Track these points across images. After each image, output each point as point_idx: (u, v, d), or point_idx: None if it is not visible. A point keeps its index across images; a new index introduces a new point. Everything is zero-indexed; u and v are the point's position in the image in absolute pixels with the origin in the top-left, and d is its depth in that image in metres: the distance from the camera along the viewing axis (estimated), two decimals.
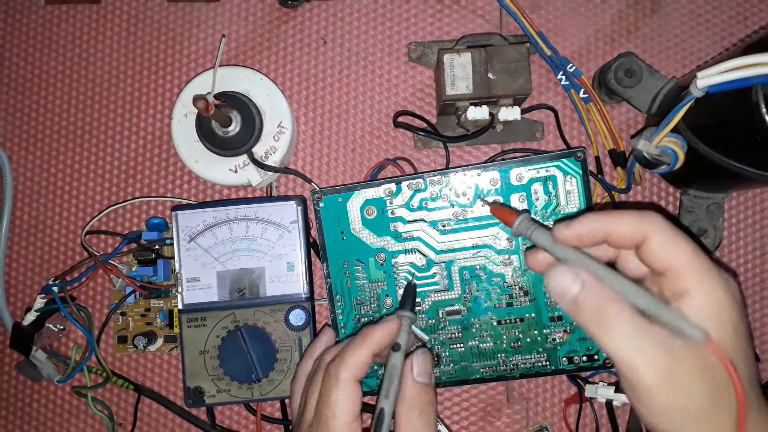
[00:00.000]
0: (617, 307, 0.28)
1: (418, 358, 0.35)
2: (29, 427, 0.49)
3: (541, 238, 0.32)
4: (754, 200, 0.49)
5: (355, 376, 0.35)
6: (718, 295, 0.28)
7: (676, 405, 0.27)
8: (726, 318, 0.28)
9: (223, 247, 0.45)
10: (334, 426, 0.34)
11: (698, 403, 0.27)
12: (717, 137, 0.38)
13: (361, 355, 0.35)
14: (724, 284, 0.28)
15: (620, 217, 0.30)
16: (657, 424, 0.29)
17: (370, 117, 0.50)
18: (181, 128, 0.45)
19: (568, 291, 0.29)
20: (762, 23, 0.49)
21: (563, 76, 0.48)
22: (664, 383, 0.27)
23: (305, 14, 0.50)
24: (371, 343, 0.36)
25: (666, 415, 0.28)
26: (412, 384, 0.34)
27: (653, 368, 0.27)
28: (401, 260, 0.44)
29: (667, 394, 0.27)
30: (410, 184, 0.44)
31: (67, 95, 0.50)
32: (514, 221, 0.34)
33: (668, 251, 0.29)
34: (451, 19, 0.50)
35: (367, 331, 0.36)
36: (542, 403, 0.48)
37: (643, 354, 0.27)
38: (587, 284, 0.29)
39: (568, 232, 0.31)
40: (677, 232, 0.29)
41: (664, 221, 0.29)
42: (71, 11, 0.50)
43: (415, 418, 0.33)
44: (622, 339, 0.27)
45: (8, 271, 0.50)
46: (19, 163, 0.50)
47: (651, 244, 0.29)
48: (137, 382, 0.49)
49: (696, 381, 0.27)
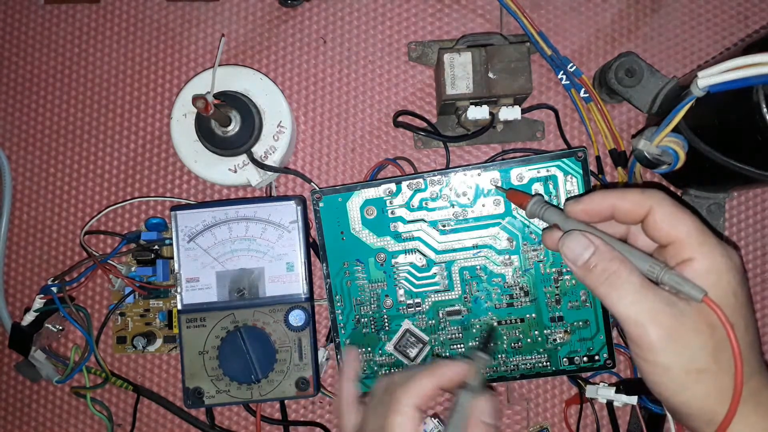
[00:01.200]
0: (627, 270, 0.30)
1: (486, 398, 0.35)
2: (28, 427, 0.49)
3: (553, 217, 0.35)
4: (755, 200, 0.49)
5: (417, 404, 0.35)
6: (718, 262, 0.30)
7: (680, 362, 0.29)
8: (726, 283, 0.30)
9: (223, 247, 0.44)
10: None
11: (700, 361, 0.29)
12: (718, 137, 0.38)
13: (427, 385, 0.35)
14: (723, 252, 0.30)
15: (625, 193, 0.32)
16: (661, 384, 0.30)
17: (370, 117, 0.50)
18: (180, 128, 0.45)
19: (581, 255, 0.31)
20: (763, 23, 0.49)
21: (564, 75, 0.48)
22: (669, 340, 0.29)
23: (305, 14, 0.50)
24: (440, 376, 0.36)
25: (670, 373, 0.29)
26: (477, 423, 0.34)
27: (658, 326, 0.29)
28: (401, 260, 0.44)
29: (671, 352, 0.29)
30: (410, 184, 0.44)
31: (66, 95, 0.50)
32: (528, 203, 0.36)
33: (670, 224, 0.31)
34: (451, 19, 0.50)
35: (439, 365, 0.37)
36: (543, 403, 0.48)
37: (650, 312, 0.29)
38: (600, 248, 0.31)
39: (578, 207, 0.34)
40: (678, 206, 0.31)
41: (665, 196, 0.32)
42: (70, 11, 0.50)
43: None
44: (630, 298, 0.30)
45: (7, 271, 0.50)
46: (18, 163, 0.50)
47: (654, 217, 0.31)
48: (136, 382, 0.49)
49: (698, 339, 0.29)
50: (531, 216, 0.37)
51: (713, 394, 0.29)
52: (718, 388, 0.29)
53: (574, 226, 0.34)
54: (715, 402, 0.29)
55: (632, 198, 0.32)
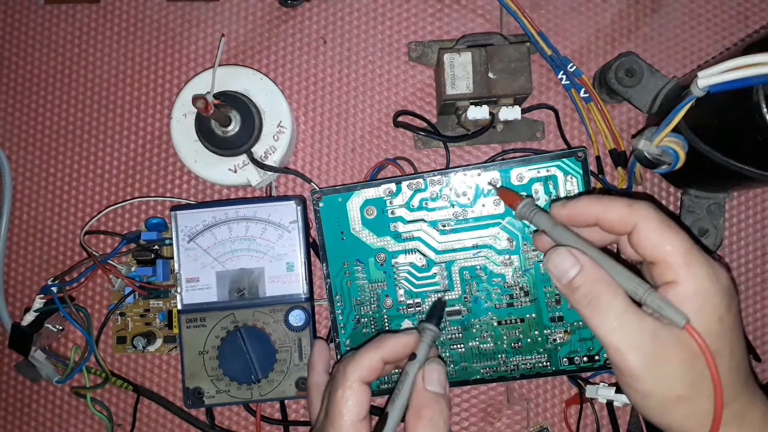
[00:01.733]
0: (611, 294, 0.30)
1: (431, 366, 0.35)
2: (28, 427, 0.49)
3: (541, 222, 0.34)
4: (755, 200, 0.49)
5: (362, 377, 0.35)
6: (704, 285, 0.29)
7: (659, 390, 0.29)
8: (712, 307, 0.29)
9: (223, 247, 0.44)
10: (340, 424, 0.34)
11: (679, 389, 0.29)
12: (718, 137, 0.38)
13: (372, 357, 0.35)
14: (711, 274, 0.29)
15: (610, 205, 0.31)
16: (643, 407, 0.30)
17: (370, 117, 0.50)
18: (180, 128, 0.45)
19: (566, 273, 0.31)
20: (763, 23, 0.49)
21: (564, 75, 0.48)
22: (649, 369, 0.29)
23: (305, 14, 0.50)
24: (384, 347, 0.36)
25: (650, 398, 0.29)
26: (422, 392, 0.34)
27: (638, 354, 0.29)
28: (401, 260, 0.44)
29: (651, 379, 0.29)
30: (410, 184, 0.44)
31: (66, 95, 0.50)
32: (518, 204, 0.36)
33: (656, 242, 0.30)
34: (451, 19, 0.50)
35: (382, 337, 0.36)
36: (543, 403, 0.48)
37: (630, 340, 0.29)
38: (585, 268, 0.30)
39: (563, 211, 0.33)
40: (666, 223, 0.30)
41: (654, 212, 0.30)
42: (70, 11, 0.50)
43: (422, 426, 0.33)
44: (612, 324, 0.29)
45: (7, 271, 0.50)
46: (18, 163, 0.50)
47: (639, 234, 0.30)
48: (136, 382, 0.49)
49: (679, 368, 0.29)
50: (520, 218, 0.36)
51: (694, 418, 0.29)
52: (698, 413, 0.29)
53: (561, 232, 0.33)
54: (696, 425, 0.29)
55: (617, 211, 0.31)
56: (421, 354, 0.36)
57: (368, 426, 0.34)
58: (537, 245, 0.36)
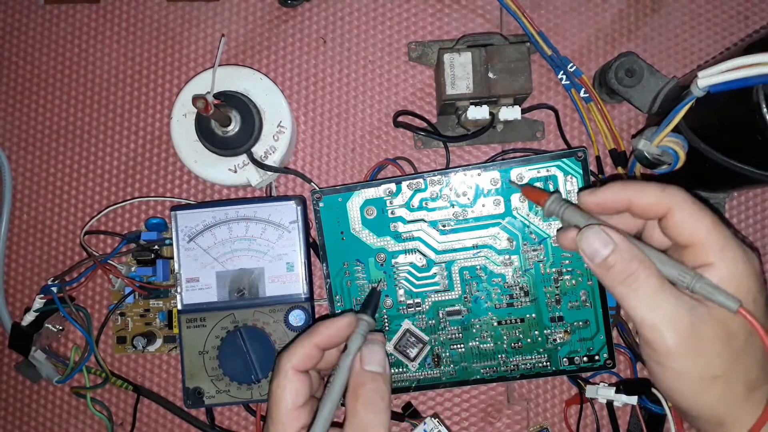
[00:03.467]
0: (646, 271, 0.29)
1: (368, 347, 0.35)
2: (28, 427, 0.49)
3: (575, 216, 0.33)
4: (755, 200, 0.49)
5: (296, 365, 0.34)
6: (739, 268, 0.29)
7: (695, 369, 0.29)
8: (746, 289, 0.29)
9: (223, 247, 0.44)
10: (276, 413, 0.34)
11: (715, 369, 0.28)
12: (718, 137, 0.38)
13: (305, 346, 0.35)
14: (744, 257, 0.29)
15: (643, 189, 0.31)
16: (673, 388, 0.30)
17: (370, 117, 0.50)
18: (180, 128, 0.45)
19: (600, 252, 0.30)
20: (763, 23, 0.49)
21: (564, 75, 0.48)
22: (687, 347, 0.28)
23: (305, 14, 0.50)
24: (316, 335, 0.35)
25: (683, 378, 0.29)
26: (359, 372, 0.34)
27: (676, 332, 0.28)
28: (401, 260, 0.44)
29: (687, 358, 0.28)
30: (410, 184, 0.44)
31: (66, 95, 0.50)
32: (546, 200, 0.34)
33: (691, 225, 0.30)
34: (451, 19, 0.50)
35: (316, 325, 0.36)
36: (543, 403, 0.48)
37: (668, 318, 0.28)
38: (620, 246, 0.30)
39: (593, 198, 0.32)
40: (700, 207, 0.30)
41: (686, 195, 0.31)
42: (71, 11, 0.50)
43: (359, 405, 0.32)
44: (648, 302, 0.29)
45: (7, 271, 0.50)
46: (18, 163, 0.50)
47: (674, 217, 0.30)
48: (136, 382, 0.49)
49: (716, 347, 0.28)
50: (548, 215, 0.35)
51: (725, 400, 0.29)
52: (731, 395, 0.29)
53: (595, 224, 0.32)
54: (726, 407, 0.29)
55: (652, 195, 0.31)
56: (354, 346, 0.35)
57: (307, 413, 0.34)
58: (564, 243, 0.34)
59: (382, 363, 0.34)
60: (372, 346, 0.35)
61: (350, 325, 0.36)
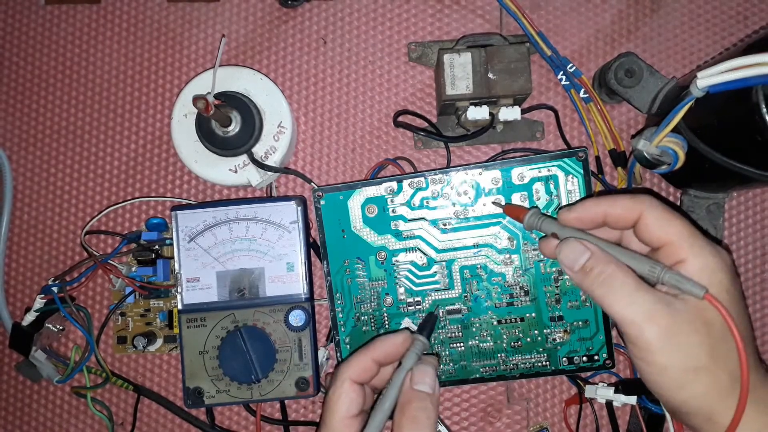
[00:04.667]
0: (622, 272, 0.31)
1: (419, 367, 0.36)
2: (28, 427, 0.49)
3: (551, 227, 0.36)
4: (755, 200, 0.49)
5: (353, 376, 0.36)
6: (709, 261, 0.31)
7: (677, 361, 0.30)
8: (718, 281, 0.30)
9: (223, 247, 0.45)
10: (330, 419, 0.35)
11: (698, 359, 0.30)
12: (717, 137, 0.38)
13: (362, 358, 0.36)
14: (714, 252, 0.31)
15: (616, 200, 0.33)
16: (659, 383, 0.31)
17: (370, 117, 0.50)
18: (180, 128, 0.45)
19: (577, 260, 0.32)
20: (762, 23, 0.49)
21: (563, 76, 0.48)
22: (666, 339, 0.30)
23: (305, 14, 0.50)
24: (374, 349, 0.37)
25: (668, 372, 0.30)
26: (408, 390, 0.35)
27: (655, 325, 0.30)
28: (402, 259, 0.44)
29: (668, 351, 0.30)
30: (411, 183, 0.44)
31: (66, 95, 0.50)
32: (525, 215, 0.37)
33: (661, 227, 0.32)
34: (451, 19, 0.50)
35: (374, 340, 0.38)
36: (542, 403, 0.48)
37: (646, 312, 0.30)
38: (595, 253, 0.32)
39: (571, 215, 0.35)
40: (668, 209, 0.32)
41: (655, 201, 0.33)
42: (71, 11, 0.50)
43: (405, 420, 0.33)
44: (627, 299, 0.30)
45: (8, 271, 0.50)
46: (18, 163, 0.50)
47: (646, 221, 0.32)
48: (137, 382, 0.49)
49: (695, 337, 0.30)
50: (529, 228, 0.37)
51: (711, 391, 0.30)
52: (716, 386, 0.30)
53: (570, 234, 0.34)
54: (713, 399, 0.30)
55: (623, 204, 0.33)
56: (408, 363, 0.36)
57: (359, 424, 0.35)
58: (545, 251, 0.37)
59: (432, 384, 0.35)
60: (424, 366, 0.36)
61: (406, 342, 0.37)
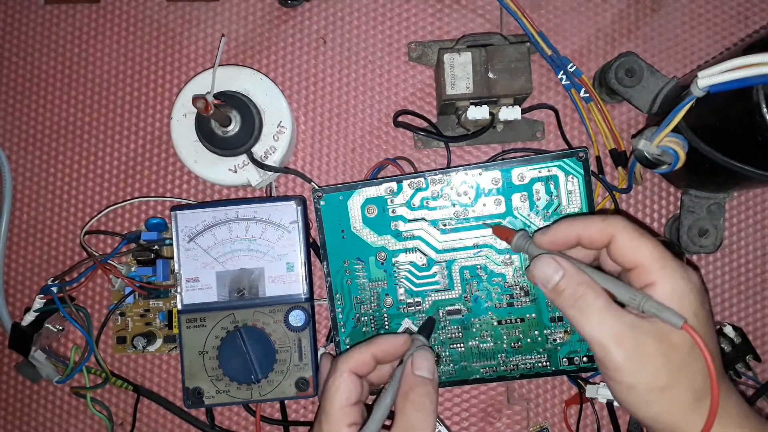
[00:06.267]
0: (593, 294, 0.32)
1: (419, 353, 0.37)
2: (28, 427, 0.49)
3: (539, 250, 0.36)
4: (755, 200, 0.49)
5: (352, 368, 0.37)
6: (679, 284, 0.31)
7: (644, 381, 0.31)
8: (687, 304, 0.31)
9: (223, 247, 0.44)
10: (329, 407, 0.36)
11: (662, 380, 0.31)
12: (718, 137, 0.38)
13: (362, 352, 0.38)
14: (684, 274, 0.32)
15: (588, 222, 0.34)
16: (627, 401, 0.32)
17: (370, 117, 0.50)
18: (180, 128, 0.45)
19: (551, 278, 0.33)
20: (763, 23, 0.49)
21: (564, 75, 0.48)
22: (633, 361, 0.31)
23: (305, 14, 0.50)
24: (374, 345, 0.38)
25: (635, 391, 0.31)
26: (410, 377, 0.36)
27: (622, 347, 0.31)
28: (402, 259, 0.44)
29: (634, 371, 0.31)
30: (411, 183, 0.44)
31: (66, 95, 0.50)
32: (513, 237, 0.37)
33: (633, 249, 0.32)
34: (451, 19, 0.50)
35: (375, 337, 0.39)
36: (543, 403, 0.48)
37: (614, 335, 0.31)
38: (568, 272, 0.33)
39: (545, 238, 0.35)
40: (639, 232, 0.33)
41: (627, 223, 0.33)
42: (71, 11, 0.50)
43: (409, 408, 0.35)
44: (596, 321, 0.31)
45: (7, 271, 0.50)
46: (18, 163, 0.50)
47: (617, 243, 0.33)
48: (136, 382, 0.49)
49: (660, 359, 0.31)
50: (516, 250, 0.38)
51: (675, 409, 0.31)
52: (680, 403, 0.31)
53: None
54: (678, 416, 0.31)
55: (595, 226, 0.34)
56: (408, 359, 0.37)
57: (359, 412, 0.36)
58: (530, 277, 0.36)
59: (432, 370, 0.37)
60: (422, 352, 0.37)
61: (406, 342, 0.39)
